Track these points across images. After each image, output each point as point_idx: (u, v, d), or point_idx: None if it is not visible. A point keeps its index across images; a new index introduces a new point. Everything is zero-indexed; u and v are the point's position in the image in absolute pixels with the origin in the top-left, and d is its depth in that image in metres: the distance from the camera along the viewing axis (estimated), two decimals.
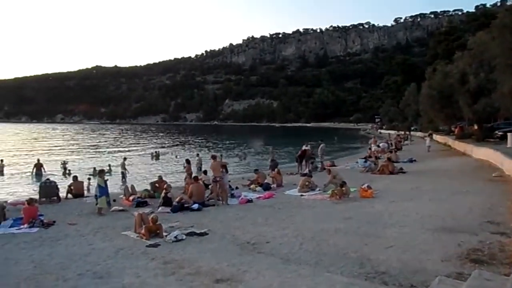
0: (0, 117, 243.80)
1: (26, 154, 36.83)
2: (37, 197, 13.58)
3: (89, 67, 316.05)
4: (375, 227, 8.90)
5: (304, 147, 23.14)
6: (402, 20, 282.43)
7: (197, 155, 28.11)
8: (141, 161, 31.66)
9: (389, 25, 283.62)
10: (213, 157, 13.40)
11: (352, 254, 7.07)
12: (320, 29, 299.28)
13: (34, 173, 23.18)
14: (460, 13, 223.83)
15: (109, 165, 23.73)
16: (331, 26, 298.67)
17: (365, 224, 9.20)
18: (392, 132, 61.41)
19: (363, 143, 49.35)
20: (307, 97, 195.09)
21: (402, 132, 53.68)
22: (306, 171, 19.72)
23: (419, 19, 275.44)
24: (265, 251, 7.55)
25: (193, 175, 16.81)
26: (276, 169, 17.25)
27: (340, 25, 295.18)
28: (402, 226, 8.81)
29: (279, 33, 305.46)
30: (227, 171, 13.23)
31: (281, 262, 6.81)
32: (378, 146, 28.76)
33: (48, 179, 14.97)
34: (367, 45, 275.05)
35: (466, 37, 38.72)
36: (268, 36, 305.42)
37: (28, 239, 8.90)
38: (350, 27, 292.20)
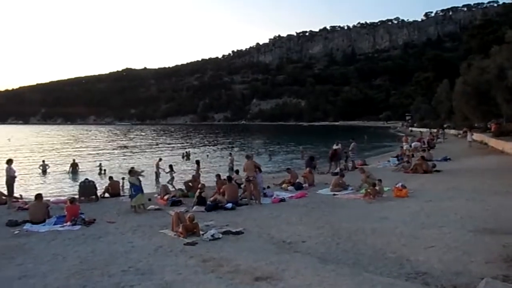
0: (38, 119, 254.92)
1: (64, 154, 38.27)
2: (76, 195, 14.17)
3: (120, 69, 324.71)
4: (413, 227, 8.75)
5: (334, 147, 22.95)
6: (432, 15, 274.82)
7: (230, 154, 28.38)
8: (172, 161, 32.13)
9: (419, 20, 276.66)
10: (247, 157, 13.49)
11: (390, 255, 6.99)
12: (348, 26, 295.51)
13: (70, 172, 24.72)
14: (495, 5, 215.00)
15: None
16: (358, 23, 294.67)
17: (402, 224, 9.05)
18: (424, 130, 59.84)
19: (393, 142, 48.35)
20: (334, 95, 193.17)
21: (435, 130, 52.16)
22: (337, 170, 19.59)
23: (451, 13, 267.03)
24: (301, 250, 7.57)
25: (222, 175, 16.98)
26: (308, 168, 17.19)
27: (368, 22, 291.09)
28: (441, 226, 8.61)
29: (306, 31, 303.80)
30: (260, 171, 13.29)
31: (318, 261, 6.81)
32: (410, 145, 28.06)
33: (87, 178, 15.50)
34: (396, 41, 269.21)
35: (503, 30, 37.17)
36: (295, 34, 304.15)
37: (72, 236, 9.28)
38: (379, 23, 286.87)
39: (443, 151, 28.22)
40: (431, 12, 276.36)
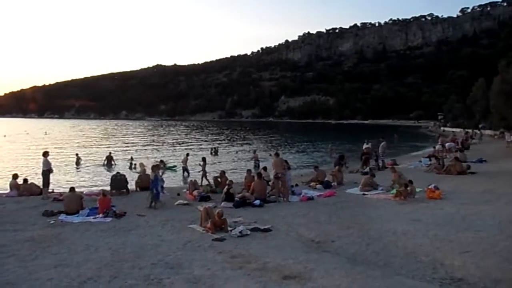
0: (72, 114, 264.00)
1: (97, 148, 39.42)
2: (108, 188, 14.52)
3: (150, 66, 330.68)
4: (447, 230, 8.44)
5: (364, 146, 22.57)
6: (469, 10, 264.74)
7: (254, 151, 28.40)
8: (200, 157, 32.45)
9: (455, 16, 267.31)
10: (276, 154, 13.45)
11: (423, 258, 6.77)
12: (379, 23, 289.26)
13: (105, 165, 25.73)
14: None
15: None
16: (390, 20, 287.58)
17: (435, 227, 8.76)
18: (457, 130, 57.90)
19: (424, 142, 47.07)
20: (364, 93, 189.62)
21: (470, 130, 50.33)
22: (367, 169, 19.23)
23: (488, 8, 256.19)
24: (330, 250, 7.46)
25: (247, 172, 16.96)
26: (337, 167, 16.94)
27: (400, 18, 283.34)
28: (478, 230, 8.26)
29: (336, 28, 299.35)
30: (289, 168, 13.19)
31: (348, 262, 6.69)
32: (444, 146, 27.14)
33: (118, 172, 15.84)
34: (429, 38, 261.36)
35: None
36: (325, 31, 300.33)
37: (104, 227, 9.51)
38: (411, 19, 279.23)
39: (478, 152, 27.20)
40: (468, 8, 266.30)
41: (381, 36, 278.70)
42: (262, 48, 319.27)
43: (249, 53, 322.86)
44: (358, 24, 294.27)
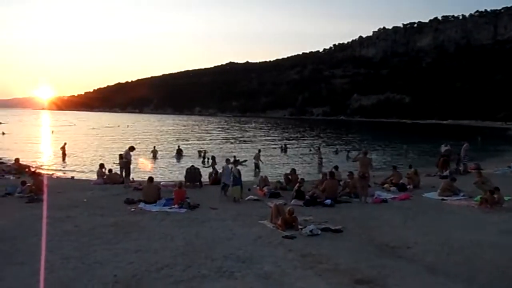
0: (151, 109, 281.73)
1: (171, 141, 41.57)
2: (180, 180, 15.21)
3: (223, 63, 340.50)
4: None
5: (443, 147, 21.14)
6: None
7: (318, 149, 28.04)
8: (270, 153, 32.73)
9: None
10: (365, 153, 13.17)
11: None
12: (463, 15, 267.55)
13: (175, 157, 27.77)
14: None
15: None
16: (476, 11, 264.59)
17: None
18: None
19: None
20: (444, 91, 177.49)
21: None
22: (447, 173, 17.98)
23: None
24: (406, 256, 7.07)
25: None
26: (413, 169, 16.05)
27: (488, 9, 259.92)
28: None
29: (414, 23, 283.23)
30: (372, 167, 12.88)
31: (426, 271, 6.30)
32: None
33: (193, 165, 16.46)
34: None
35: None
36: (401, 26, 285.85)
37: (179, 218, 9.97)
38: (502, 10, 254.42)
39: None
40: None
41: (465, 29, 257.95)
42: (334, 45, 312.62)
43: (321, 50, 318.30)
44: (439, 18, 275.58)
